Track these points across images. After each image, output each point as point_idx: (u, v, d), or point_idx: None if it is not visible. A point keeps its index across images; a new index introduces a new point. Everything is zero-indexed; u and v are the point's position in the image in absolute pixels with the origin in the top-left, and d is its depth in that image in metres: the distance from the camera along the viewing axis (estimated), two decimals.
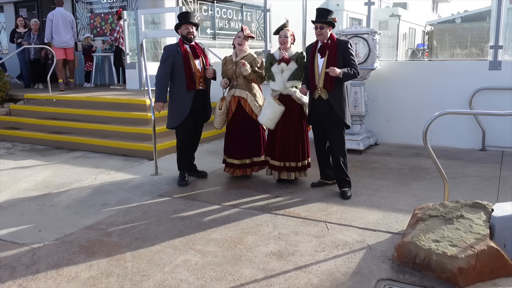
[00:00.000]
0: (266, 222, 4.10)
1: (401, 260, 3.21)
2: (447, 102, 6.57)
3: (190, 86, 5.08)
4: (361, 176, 5.44)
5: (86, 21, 11.88)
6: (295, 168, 5.05)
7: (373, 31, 6.72)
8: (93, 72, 11.11)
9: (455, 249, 3.01)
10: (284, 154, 5.03)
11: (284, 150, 5.02)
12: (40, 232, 3.97)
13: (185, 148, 5.35)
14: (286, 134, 4.99)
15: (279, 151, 5.04)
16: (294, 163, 5.03)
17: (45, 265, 3.35)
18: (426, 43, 21.53)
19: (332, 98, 4.66)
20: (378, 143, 7.21)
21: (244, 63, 4.99)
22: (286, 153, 5.02)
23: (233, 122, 5.28)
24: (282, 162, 5.05)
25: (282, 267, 3.26)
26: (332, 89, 4.62)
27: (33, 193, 5.09)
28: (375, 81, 7.11)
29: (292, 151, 5.00)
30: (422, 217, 3.47)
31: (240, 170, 5.34)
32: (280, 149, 5.03)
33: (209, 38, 12.08)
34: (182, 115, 5.12)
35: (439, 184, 4.70)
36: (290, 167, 5.05)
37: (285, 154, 5.02)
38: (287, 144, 5.00)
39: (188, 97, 5.10)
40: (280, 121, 4.96)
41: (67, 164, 6.36)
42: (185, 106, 5.10)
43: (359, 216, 4.18)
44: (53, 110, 8.31)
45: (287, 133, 4.99)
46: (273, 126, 5.00)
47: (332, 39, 4.66)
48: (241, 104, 5.21)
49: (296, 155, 5.02)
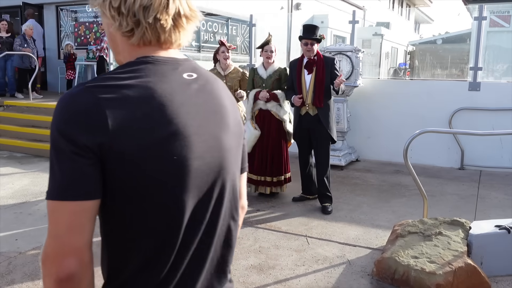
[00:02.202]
0: (247, 235, 4.09)
1: (380, 275, 3.23)
2: (427, 121, 6.69)
3: None
4: (342, 192, 5.48)
5: (70, 29, 11.81)
6: (270, 183, 5.07)
7: (356, 49, 6.83)
8: (75, 80, 11.02)
9: (434, 266, 3.05)
10: (261, 168, 5.05)
11: (261, 165, 5.05)
12: (17, 241, 3.89)
13: None
14: (263, 149, 5.02)
15: (256, 165, 5.07)
16: (270, 177, 5.05)
17: (20, 275, 3.28)
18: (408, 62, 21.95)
19: (321, 114, 4.70)
20: (359, 160, 7.28)
21: (242, 96, 5.04)
22: (263, 168, 5.05)
23: None
24: (260, 176, 5.07)
25: (262, 280, 3.26)
26: (322, 105, 4.67)
27: (10, 201, 4.99)
28: (357, 98, 7.21)
29: (269, 166, 5.03)
30: (401, 233, 3.51)
31: None
32: (257, 163, 5.06)
33: (194, 50, 12.12)
34: None
35: (419, 201, 4.76)
36: (265, 182, 5.08)
37: (262, 169, 5.05)
38: (264, 159, 5.03)
39: None
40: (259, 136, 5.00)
41: (45, 172, 6.26)
42: None
43: (339, 231, 4.20)
44: (34, 118, 8.19)
45: (264, 148, 5.02)
46: (249, 149, 5.04)
47: (319, 56, 4.72)
48: None
49: (272, 170, 5.04)
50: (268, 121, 4.99)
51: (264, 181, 5.07)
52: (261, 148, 5.03)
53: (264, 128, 5.00)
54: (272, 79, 4.94)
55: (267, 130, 4.99)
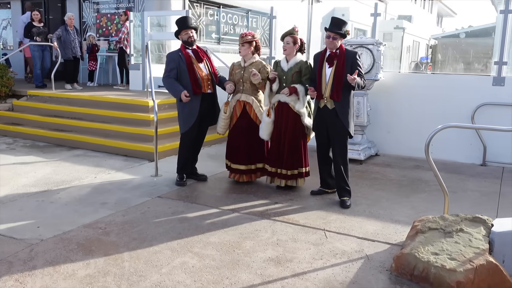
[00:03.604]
0: (264, 228, 4.09)
1: (399, 271, 3.20)
2: (449, 116, 6.58)
3: (196, 90, 5.08)
4: (361, 186, 5.44)
5: (92, 20, 11.92)
6: (285, 176, 5.06)
7: (378, 42, 6.74)
8: (97, 71, 11.14)
9: (454, 263, 3.01)
10: (278, 160, 5.05)
11: (277, 157, 5.05)
12: (39, 229, 3.96)
13: (188, 152, 5.35)
14: (281, 141, 5.01)
15: (273, 157, 5.08)
16: (285, 170, 5.04)
17: (42, 262, 3.34)
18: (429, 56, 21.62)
19: (339, 108, 4.67)
20: (379, 154, 7.21)
21: (255, 74, 4.98)
22: (279, 160, 5.04)
23: (237, 127, 5.27)
24: (275, 168, 5.08)
25: (279, 273, 3.26)
26: (339, 99, 4.63)
27: (33, 189, 5.09)
28: (378, 92, 7.13)
29: (284, 158, 5.02)
30: (421, 229, 3.47)
31: (246, 176, 5.33)
32: (274, 155, 5.07)
33: (214, 42, 12.13)
34: (190, 120, 5.13)
35: (439, 197, 4.70)
36: (281, 174, 5.07)
37: (278, 161, 5.05)
38: (281, 151, 5.02)
39: (196, 101, 5.11)
40: (277, 128, 5.00)
41: (67, 161, 6.36)
42: (193, 111, 5.12)
43: (358, 226, 4.17)
44: (56, 108, 8.32)
45: (281, 141, 5.01)
46: (266, 137, 5.10)
47: (341, 49, 4.66)
48: (246, 109, 5.22)
49: (287, 163, 5.02)
50: (286, 114, 4.97)
51: (280, 173, 5.07)
52: (278, 140, 5.02)
53: (282, 121, 4.98)
54: (292, 72, 4.91)
55: (285, 122, 4.97)
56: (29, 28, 9.91)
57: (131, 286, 3.03)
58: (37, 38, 9.83)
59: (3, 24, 14.05)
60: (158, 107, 6.38)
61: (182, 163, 5.37)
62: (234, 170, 5.35)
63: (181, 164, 5.37)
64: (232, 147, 5.33)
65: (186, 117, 5.16)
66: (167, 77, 5.13)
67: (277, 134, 5.03)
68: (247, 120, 5.22)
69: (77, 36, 9.85)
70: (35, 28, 9.89)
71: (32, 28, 9.89)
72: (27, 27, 9.99)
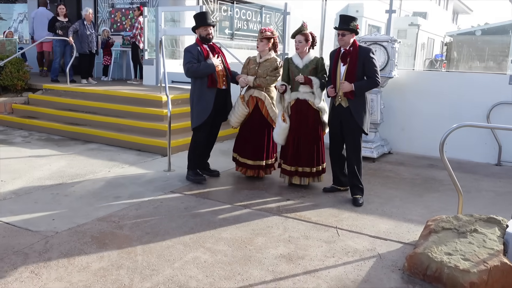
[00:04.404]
0: (276, 224, 4.10)
1: (412, 271, 3.19)
2: (464, 115, 6.52)
3: (212, 84, 5.08)
4: (374, 184, 5.42)
5: (106, 15, 11.99)
6: (309, 173, 5.05)
7: (392, 39, 6.69)
8: (111, 66, 11.21)
9: (468, 263, 2.99)
10: (296, 159, 5.03)
11: (296, 155, 5.02)
12: (53, 221, 4.01)
13: (200, 147, 5.35)
14: (300, 139, 4.99)
15: (291, 155, 5.05)
16: (308, 168, 5.02)
17: (57, 254, 3.39)
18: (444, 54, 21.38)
19: (352, 105, 4.64)
20: (392, 152, 7.17)
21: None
22: (299, 158, 5.02)
23: (249, 122, 5.28)
24: (294, 167, 5.06)
25: (291, 270, 3.26)
26: (353, 96, 4.61)
27: (48, 182, 5.15)
28: (392, 89, 7.08)
29: (305, 156, 5.00)
30: (435, 228, 3.45)
31: (252, 171, 5.35)
32: (292, 154, 5.04)
33: (227, 38, 12.13)
34: (204, 115, 5.10)
35: (453, 196, 4.66)
36: (303, 172, 5.05)
37: (297, 159, 5.03)
38: (300, 149, 5.00)
39: (211, 96, 5.09)
40: (295, 126, 4.98)
41: (82, 155, 6.43)
42: (208, 105, 5.09)
43: (370, 224, 4.16)
44: (71, 102, 8.40)
45: (301, 138, 4.99)
46: (281, 141, 5.07)
47: (354, 46, 4.64)
48: (258, 105, 5.22)
49: (309, 161, 5.01)
50: (305, 111, 4.95)
51: (302, 171, 5.05)
52: (297, 138, 4.99)
53: (302, 118, 4.96)
54: (308, 69, 4.90)
55: (305, 120, 4.96)
56: (53, 22, 10.02)
57: (144, 280, 3.06)
58: (59, 32, 9.91)
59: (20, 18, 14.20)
60: (172, 102, 6.41)
61: (196, 159, 5.37)
62: (241, 164, 5.37)
63: (194, 160, 5.36)
64: (242, 141, 5.35)
65: (199, 112, 5.12)
66: (190, 63, 5.00)
67: (297, 132, 4.99)
68: (258, 116, 5.22)
69: (93, 31, 9.91)
70: (58, 23, 9.98)
71: (55, 22, 9.99)
72: (51, 21, 10.11)
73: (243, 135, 5.35)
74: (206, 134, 5.30)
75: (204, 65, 5.01)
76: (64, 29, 9.89)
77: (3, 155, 6.26)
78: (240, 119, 5.29)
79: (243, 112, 5.23)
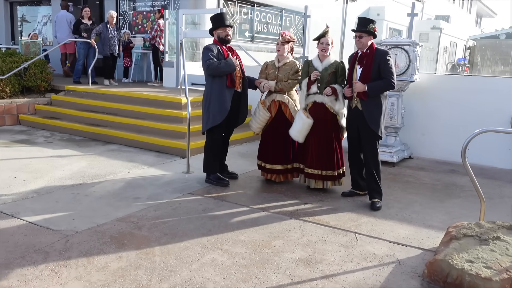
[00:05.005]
0: (294, 228, 4.08)
1: (432, 278, 3.14)
2: (487, 120, 6.39)
3: (231, 84, 5.04)
4: (393, 189, 5.35)
5: (128, 18, 12.14)
6: (332, 177, 5.01)
7: (414, 43, 6.61)
8: (132, 68, 11.34)
9: (490, 271, 2.92)
10: (321, 162, 4.98)
11: (320, 159, 4.98)
12: (74, 220, 4.07)
13: (218, 149, 5.34)
14: (320, 142, 4.96)
15: (316, 159, 4.99)
16: (331, 171, 4.99)
17: (76, 253, 3.43)
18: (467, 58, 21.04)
19: (365, 108, 4.60)
20: (412, 157, 7.08)
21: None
22: (323, 162, 4.98)
23: (274, 127, 5.24)
24: (320, 170, 5.01)
25: (308, 274, 3.24)
26: (366, 98, 4.56)
27: (69, 182, 5.23)
28: (413, 93, 7.00)
29: (328, 159, 4.97)
30: (456, 235, 3.39)
31: (283, 176, 5.31)
32: (317, 158, 4.99)
33: (247, 41, 12.16)
34: (221, 115, 5.03)
35: (475, 203, 4.58)
36: (327, 176, 5.01)
37: (322, 163, 4.99)
38: (322, 152, 4.97)
39: (229, 96, 5.05)
40: (313, 129, 4.95)
41: (102, 156, 6.51)
42: (226, 105, 5.04)
43: (389, 230, 4.11)
44: (92, 103, 8.52)
45: (321, 142, 4.96)
46: (302, 139, 5.01)
47: (371, 48, 4.60)
48: (281, 109, 5.20)
49: (332, 164, 4.98)
50: (323, 115, 4.92)
51: (325, 175, 5.02)
52: (315, 141, 4.97)
53: (320, 122, 4.92)
54: (328, 72, 4.87)
55: (323, 123, 4.92)
56: (78, 25, 10.31)
57: (161, 281, 3.08)
58: (84, 34, 10.13)
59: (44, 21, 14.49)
60: (191, 104, 6.44)
61: (214, 163, 5.30)
62: (270, 171, 5.32)
63: (213, 164, 5.29)
64: (268, 147, 5.29)
65: (216, 112, 5.02)
66: (211, 59, 4.94)
67: (314, 135, 4.97)
68: (283, 120, 5.20)
69: (116, 34, 10.03)
70: (83, 25, 10.23)
71: (80, 24, 10.26)
72: (76, 24, 10.42)
73: (268, 141, 5.29)
74: (221, 136, 5.28)
75: (225, 63, 4.98)
76: (88, 31, 10.09)
77: (25, 154, 6.39)
78: (262, 124, 5.26)
79: (265, 117, 5.21)
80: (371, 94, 4.53)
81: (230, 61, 5.01)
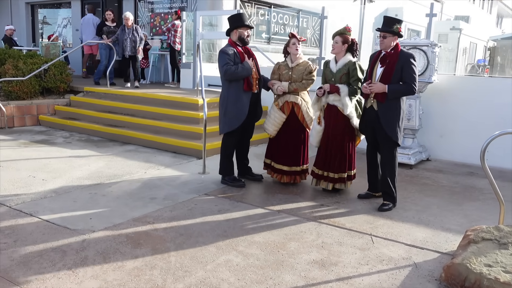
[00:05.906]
0: (309, 229, 4.06)
1: (449, 281, 3.09)
2: (507, 122, 6.28)
3: (248, 88, 5.05)
4: (410, 192, 5.29)
5: (146, 20, 12.26)
6: (332, 179, 5.00)
7: (433, 44, 6.53)
8: (149, 69, 11.44)
9: (509, 276, 2.86)
10: (326, 163, 5.00)
11: (325, 160, 4.99)
12: (91, 220, 4.12)
13: (232, 152, 5.32)
14: (329, 144, 4.95)
15: (321, 159, 5.04)
16: (332, 173, 4.98)
17: (93, 252, 3.47)
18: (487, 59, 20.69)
19: (381, 111, 4.53)
20: (430, 159, 6.98)
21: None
22: (327, 163, 4.98)
23: (286, 128, 5.24)
24: (321, 171, 5.02)
25: (323, 276, 3.22)
26: (384, 100, 4.50)
27: (86, 181, 5.29)
28: (431, 94, 6.91)
29: (333, 161, 4.96)
30: (474, 239, 3.33)
31: (288, 177, 5.31)
32: (322, 158, 5.03)
33: (264, 42, 12.17)
34: (240, 119, 5.04)
35: (494, 206, 4.50)
36: (328, 177, 5.01)
37: (326, 164, 4.99)
38: (328, 154, 4.97)
39: (246, 99, 5.06)
40: (325, 131, 4.97)
41: (119, 156, 6.58)
42: (244, 109, 5.04)
43: (406, 232, 4.06)
44: (110, 104, 8.62)
45: (330, 143, 4.95)
46: (317, 144, 5.10)
47: (396, 49, 4.53)
48: (294, 110, 5.19)
49: (336, 166, 4.96)
50: (334, 116, 4.90)
51: (327, 176, 5.01)
52: (326, 143, 4.97)
53: (331, 123, 4.92)
54: (340, 74, 4.83)
55: (334, 125, 4.91)
56: (101, 27, 10.64)
57: (176, 281, 3.09)
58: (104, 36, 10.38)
59: (64, 23, 14.72)
60: (208, 105, 6.48)
61: (230, 164, 5.32)
62: (276, 170, 5.33)
63: (229, 166, 5.32)
64: (278, 147, 5.30)
65: (234, 116, 5.04)
66: (228, 65, 4.92)
67: (326, 136, 4.98)
68: (295, 121, 5.19)
69: (131, 36, 10.04)
70: (106, 27, 10.51)
71: (103, 27, 10.57)
72: (99, 26, 10.76)
73: (278, 141, 5.31)
74: (237, 139, 5.29)
75: (242, 67, 4.97)
76: (110, 33, 10.33)
77: (45, 155, 6.49)
78: (278, 127, 5.23)
79: (281, 119, 5.20)
80: (391, 97, 4.46)
81: (246, 64, 5.00)
